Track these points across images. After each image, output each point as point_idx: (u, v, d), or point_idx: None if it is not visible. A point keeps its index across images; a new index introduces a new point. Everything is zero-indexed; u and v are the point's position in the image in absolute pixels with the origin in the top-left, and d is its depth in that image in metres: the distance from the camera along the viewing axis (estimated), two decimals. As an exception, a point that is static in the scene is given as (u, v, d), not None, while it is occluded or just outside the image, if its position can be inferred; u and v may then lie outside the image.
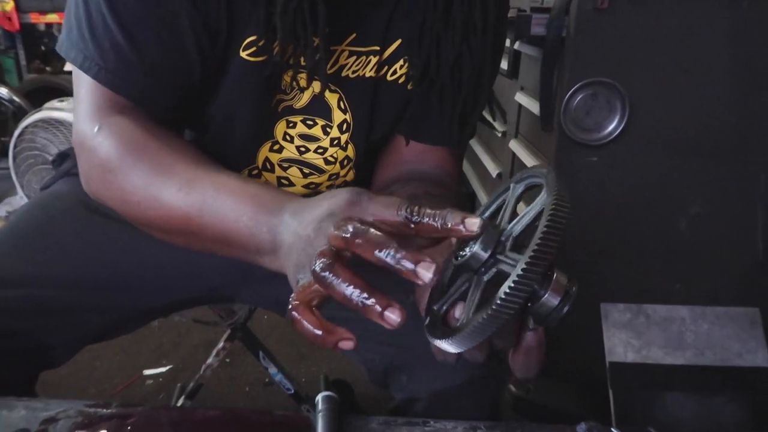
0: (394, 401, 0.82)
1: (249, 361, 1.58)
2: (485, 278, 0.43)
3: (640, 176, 1.10)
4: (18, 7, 4.08)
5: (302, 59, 0.65)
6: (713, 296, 1.18)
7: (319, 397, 0.66)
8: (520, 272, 0.37)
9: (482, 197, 1.74)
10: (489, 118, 1.46)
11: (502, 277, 0.40)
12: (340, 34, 0.69)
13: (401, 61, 0.73)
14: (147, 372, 1.71)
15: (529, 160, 1.24)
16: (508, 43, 1.29)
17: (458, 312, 0.46)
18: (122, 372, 1.70)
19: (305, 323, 0.42)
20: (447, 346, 0.41)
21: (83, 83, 0.65)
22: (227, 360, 1.71)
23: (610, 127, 1.05)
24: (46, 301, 0.77)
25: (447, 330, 0.43)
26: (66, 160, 0.95)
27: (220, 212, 0.55)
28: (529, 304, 0.42)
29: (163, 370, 1.72)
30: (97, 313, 0.83)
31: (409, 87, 0.75)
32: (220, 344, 1.37)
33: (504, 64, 1.40)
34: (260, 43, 0.64)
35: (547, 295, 0.41)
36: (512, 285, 0.37)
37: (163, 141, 0.63)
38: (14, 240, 0.82)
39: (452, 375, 0.72)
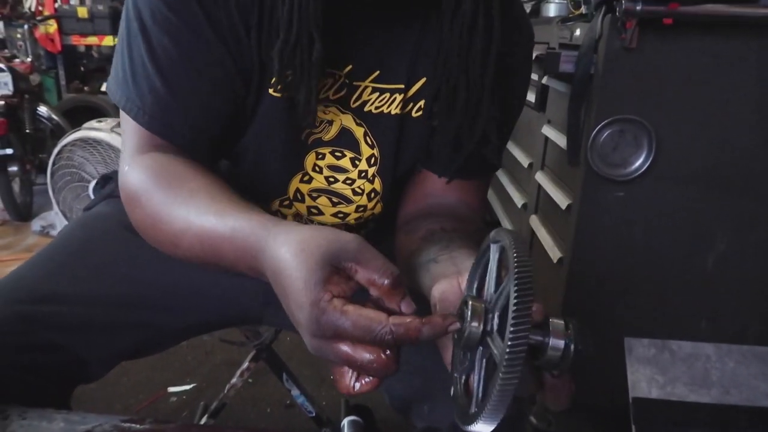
0: (415, 430, 0.83)
1: (271, 382, 1.59)
2: (484, 359, 0.45)
3: (667, 212, 1.10)
4: (60, 30, 4.24)
5: (330, 93, 0.68)
6: (740, 334, 1.17)
7: (345, 422, 0.67)
8: (507, 351, 0.39)
9: (506, 226, 1.75)
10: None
11: (499, 350, 0.42)
12: (363, 70, 0.71)
13: (425, 100, 0.75)
14: (171, 389, 1.73)
15: (555, 192, 1.25)
16: (536, 77, 1.31)
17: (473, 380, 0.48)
18: (147, 388, 1.73)
19: (365, 391, 0.50)
20: (481, 427, 0.42)
21: (127, 123, 0.68)
22: (249, 380, 1.73)
23: (637, 163, 1.06)
24: (86, 318, 0.81)
25: (467, 408, 0.45)
26: (108, 182, 0.99)
27: (214, 250, 0.57)
28: (538, 357, 0.44)
29: (187, 387, 1.75)
30: (132, 331, 0.86)
31: (434, 123, 0.77)
32: (245, 364, 1.39)
33: (531, 97, 1.42)
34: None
35: (550, 345, 0.43)
36: (506, 361, 0.39)
37: (178, 173, 0.66)
38: (59, 258, 0.86)
39: None
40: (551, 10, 1.52)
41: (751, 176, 1.07)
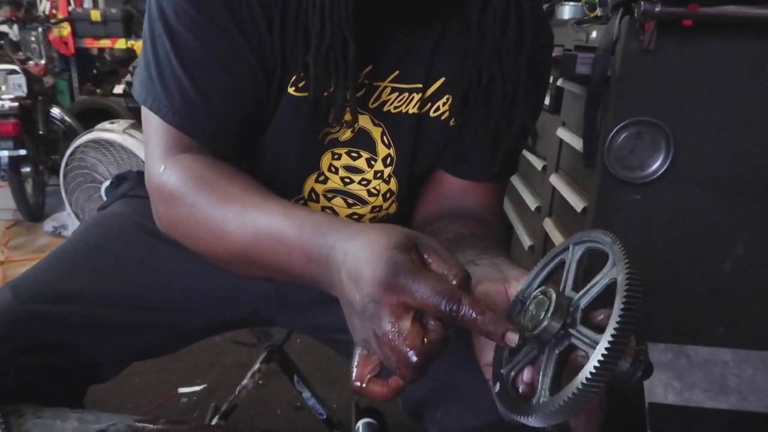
0: None
1: (281, 383, 1.59)
2: (557, 351, 0.44)
3: (684, 216, 1.09)
4: (74, 33, 4.28)
5: (347, 94, 0.68)
6: (758, 340, 1.15)
7: (360, 425, 0.66)
8: (603, 355, 0.38)
9: (520, 231, 1.73)
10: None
11: (574, 350, 0.42)
12: (383, 70, 0.71)
13: (444, 99, 0.75)
14: (182, 390, 1.74)
15: (569, 195, 1.24)
16: (550, 79, 1.31)
17: (526, 376, 0.47)
18: (158, 389, 1.73)
19: (376, 394, 0.48)
20: (533, 422, 0.42)
21: (152, 124, 0.69)
22: (260, 382, 1.72)
23: (654, 166, 1.05)
24: (100, 318, 0.81)
25: (521, 401, 0.45)
26: (123, 182, 0.99)
27: (274, 248, 0.57)
28: None
29: (197, 388, 1.75)
30: (146, 331, 0.86)
31: (451, 123, 0.76)
32: (256, 366, 1.39)
33: (546, 99, 1.41)
34: (304, 80, 0.68)
35: (620, 365, 0.42)
36: (597, 366, 0.37)
37: (223, 174, 0.66)
38: (73, 257, 0.86)
39: (485, 413, 0.72)
40: (566, 13, 1.51)
41: (769, 180, 1.06)
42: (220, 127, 0.68)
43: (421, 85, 0.73)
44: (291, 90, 0.69)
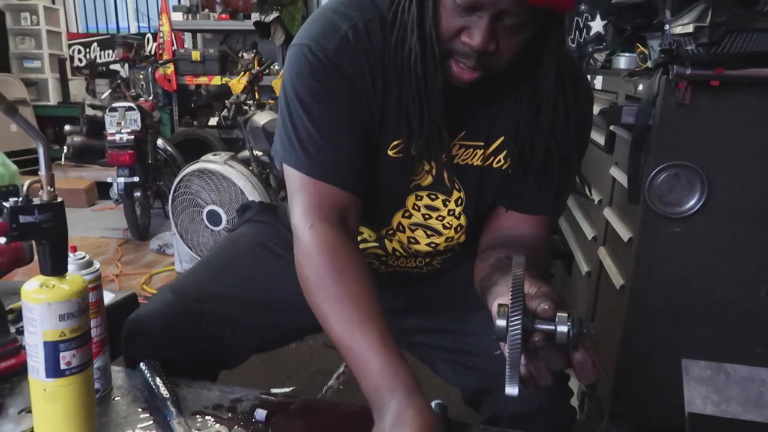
0: (482, 419, 1.01)
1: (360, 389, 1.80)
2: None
3: (721, 246, 1.23)
4: (176, 71, 4.77)
5: (439, 158, 0.90)
6: (795, 363, 1.26)
7: (433, 404, 0.86)
8: (510, 325, 0.62)
9: (579, 258, 1.89)
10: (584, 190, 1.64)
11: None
12: (453, 132, 0.92)
13: (504, 153, 0.95)
14: (274, 391, 1.98)
15: (619, 226, 1.40)
16: (604, 125, 1.48)
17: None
18: (253, 389, 1.98)
19: None
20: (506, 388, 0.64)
21: (295, 179, 0.87)
22: (341, 387, 1.95)
23: (691, 203, 1.20)
24: (234, 315, 1.06)
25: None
26: (247, 210, 1.26)
27: (355, 362, 0.76)
28: (553, 340, 0.64)
29: (287, 390, 1.99)
30: (266, 328, 1.10)
31: (509, 170, 0.96)
32: (341, 368, 1.62)
33: (601, 141, 1.58)
34: (401, 147, 0.90)
35: (557, 330, 0.63)
36: (510, 322, 0.62)
37: (348, 262, 0.82)
38: (214, 267, 1.12)
39: (529, 400, 0.90)
40: (622, 63, 1.69)
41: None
42: (350, 171, 0.87)
43: (483, 143, 0.94)
44: (391, 152, 0.91)
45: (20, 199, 0.69)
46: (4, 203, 0.68)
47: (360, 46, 0.85)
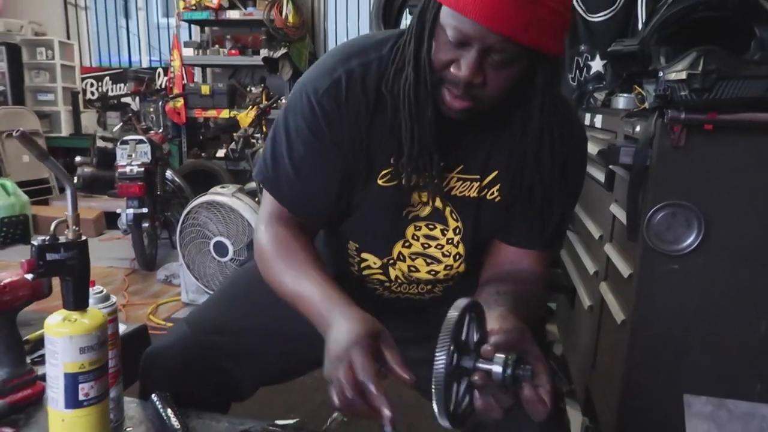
0: None
1: (365, 422, 1.81)
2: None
3: (719, 283, 1.26)
4: (186, 104, 4.87)
5: (421, 182, 0.95)
6: (795, 398, 1.28)
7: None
8: (434, 364, 0.68)
9: (581, 292, 1.92)
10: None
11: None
12: (450, 165, 0.98)
13: (498, 186, 1.00)
14: (278, 422, 1.99)
15: (619, 262, 1.43)
16: (604, 163, 1.52)
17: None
18: (260, 420, 1.99)
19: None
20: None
21: (266, 197, 1.02)
22: (345, 420, 1.95)
23: (689, 241, 1.24)
24: (246, 347, 1.09)
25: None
26: (257, 245, 1.30)
27: (303, 305, 0.91)
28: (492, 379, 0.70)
29: (291, 421, 2.00)
30: (278, 359, 1.13)
31: (510, 207, 1.00)
32: (346, 401, 1.63)
33: (602, 178, 1.62)
34: (392, 174, 0.96)
35: (493, 370, 0.69)
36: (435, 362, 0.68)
37: (298, 245, 0.97)
38: (225, 301, 1.16)
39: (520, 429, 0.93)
40: (620, 103, 1.74)
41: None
42: (311, 206, 1.00)
43: (479, 176, 0.99)
44: (381, 182, 0.97)
45: (47, 237, 0.73)
46: (33, 242, 0.72)
47: (352, 91, 0.93)
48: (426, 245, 1.04)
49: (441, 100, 0.87)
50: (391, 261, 1.06)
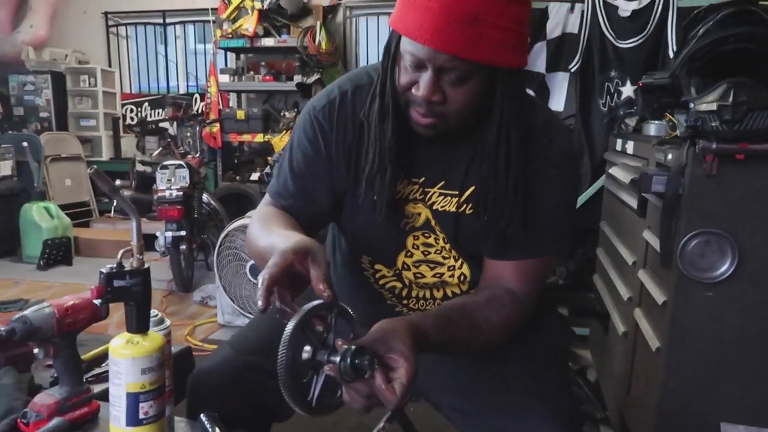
0: None
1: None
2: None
3: (754, 310, 1.27)
4: (222, 129, 5.01)
5: (417, 195, 1.04)
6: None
7: None
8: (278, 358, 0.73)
9: (615, 318, 1.92)
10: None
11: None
12: (432, 181, 1.05)
13: (474, 201, 1.03)
14: (315, 443, 2.02)
15: (653, 289, 1.44)
16: (636, 191, 1.54)
17: None
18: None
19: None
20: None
21: (266, 196, 1.14)
22: (382, 439, 1.97)
23: (723, 268, 1.25)
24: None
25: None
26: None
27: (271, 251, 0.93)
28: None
29: (327, 443, 2.03)
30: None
31: (485, 219, 1.02)
32: (381, 423, 1.66)
33: (635, 204, 1.64)
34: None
35: (338, 360, 0.73)
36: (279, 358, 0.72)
37: (276, 216, 1.06)
38: (266, 322, 1.20)
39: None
40: (651, 130, 1.76)
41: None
42: (303, 210, 1.09)
43: (457, 192, 1.04)
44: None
45: (114, 265, 0.79)
46: (101, 270, 0.78)
47: (343, 110, 1.05)
48: (426, 252, 1.11)
49: (412, 119, 0.95)
50: (397, 271, 1.14)
